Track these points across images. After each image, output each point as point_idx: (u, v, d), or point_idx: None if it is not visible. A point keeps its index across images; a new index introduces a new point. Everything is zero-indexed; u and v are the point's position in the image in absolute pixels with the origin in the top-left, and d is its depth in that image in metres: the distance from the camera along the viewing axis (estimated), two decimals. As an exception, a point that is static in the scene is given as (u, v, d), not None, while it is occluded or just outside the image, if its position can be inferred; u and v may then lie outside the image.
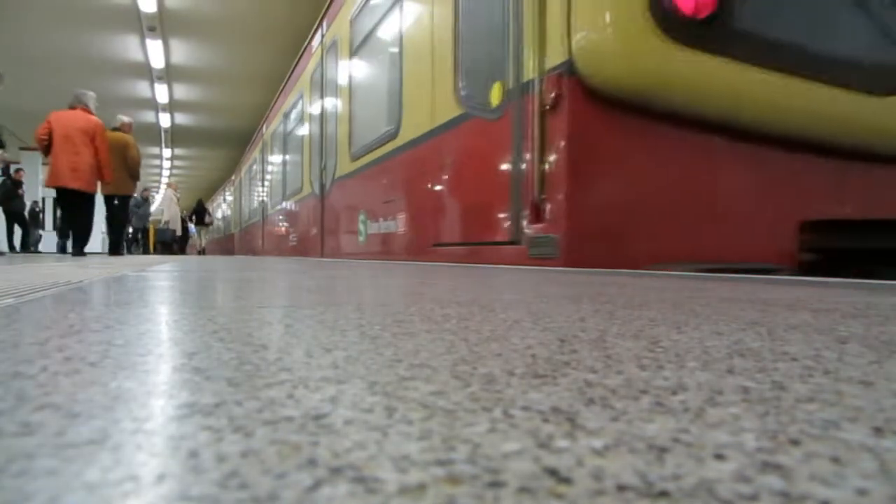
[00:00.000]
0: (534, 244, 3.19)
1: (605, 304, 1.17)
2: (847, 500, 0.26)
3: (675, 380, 0.51)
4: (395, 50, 5.24)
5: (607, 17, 2.86)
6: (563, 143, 2.99)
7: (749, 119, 3.06)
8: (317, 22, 8.45)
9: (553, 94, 3.04)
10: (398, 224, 5.19)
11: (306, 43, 9.24)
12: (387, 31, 5.57)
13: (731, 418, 0.39)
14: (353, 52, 6.61)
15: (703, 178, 3.12)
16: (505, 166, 3.46)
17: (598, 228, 3.01)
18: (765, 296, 1.36)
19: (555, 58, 3.06)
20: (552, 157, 3.07)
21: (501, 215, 3.50)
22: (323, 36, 8.03)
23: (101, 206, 8.12)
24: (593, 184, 3.00)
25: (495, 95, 3.57)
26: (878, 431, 0.36)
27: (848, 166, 3.30)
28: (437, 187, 4.40)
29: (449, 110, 4.15)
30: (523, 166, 3.26)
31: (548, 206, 3.10)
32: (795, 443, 0.34)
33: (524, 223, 3.27)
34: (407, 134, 4.91)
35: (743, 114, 3.04)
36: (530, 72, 3.20)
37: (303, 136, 9.28)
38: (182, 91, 15.99)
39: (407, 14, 5.01)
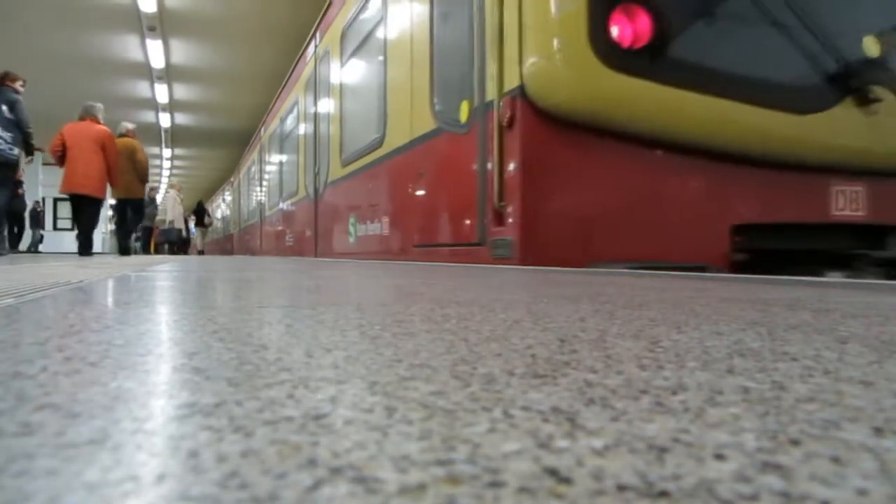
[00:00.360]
0: (495, 246, 3.55)
1: (605, 304, 1.17)
2: (847, 500, 0.26)
3: (676, 380, 0.51)
4: (381, 65, 5.59)
5: (553, 48, 3.22)
6: (517, 157, 3.35)
7: (682, 135, 3.39)
8: (311, 32, 8.72)
9: (509, 114, 3.39)
10: (383, 226, 5.55)
11: (301, 50, 9.50)
12: (373, 47, 5.91)
13: (731, 418, 0.39)
14: (344, 64, 6.97)
15: (644, 186, 3.46)
16: (472, 176, 3.81)
17: (548, 232, 3.36)
18: (765, 296, 1.36)
19: (510, 82, 3.41)
20: (509, 169, 3.42)
21: (470, 220, 3.86)
22: (316, 46, 8.39)
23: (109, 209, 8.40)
24: (544, 192, 3.35)
25: (464, 112, 3.94)
26: (878, 431, 0.36)
27: (774, 175, 3.63)
28: (417, 193, 4.77)
29: (426, 124, 4.52)
30: (487, 176, 3.62)
31: (506, 212, 3.45)
32: (795, 443, 0.34)
33: (488, 227, 3.63)
34: (391, 143, 5.25)
35: (676, 130, 3.37)
36: (491, 93, 3.55)
37: (298, 141, 9.59)
38: (182, 91, 15.98)
39: (391, 33, 5.35)
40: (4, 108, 6.93)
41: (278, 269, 3.47)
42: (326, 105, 7.75)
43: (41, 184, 21.71)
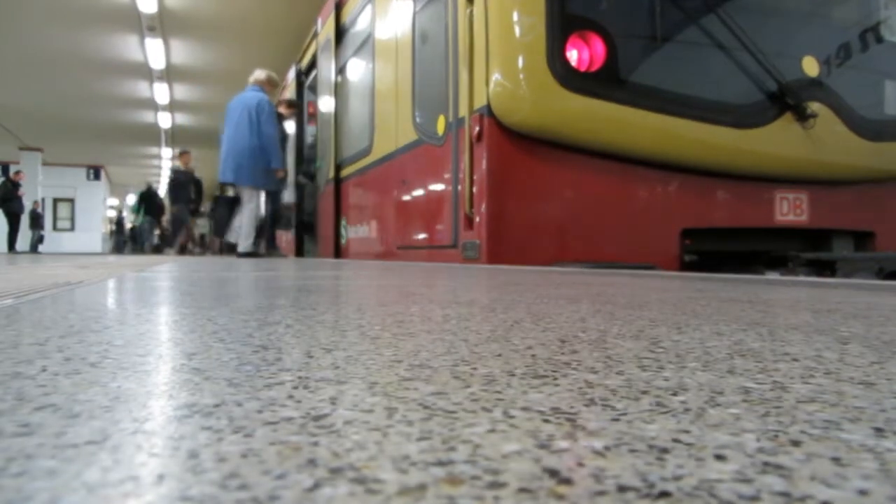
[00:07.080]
0: (465, 248, 3.88)
1: (606, 304, 1.17)
2: (848, 501, 0.26)
3: (676, 380, 0.50)
4: (370, 76, 5.92)
5: (515, 71, 3.54)
6: (483, 169, 3.66)
7: (635, 148, 3.70)
8: (308, 38, 8.87)
9: (477, 129, 3.70)
10: (370, 228, 5.91)
11: (301, 53, 9.62)
12: (363, 58, 6.23)
13: (731, 419, 0.39)
14: (338, 71, 7.26)
15: (600, 194, 3.75)
16: (447, 184, 4.14)
17: (512, 236, 3.66)
18: (766, 296, 1.36)
19: (479, 101, 3.71)
20: (477, 179, 3.73)
21: (445, 224, 4.20)
22: (317, 42, 8.60)
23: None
24: (508, 200, 3.65)
25: (440, 126, 4.26)
26: (878, 432, 0.36)
27: (721, 183, 3.96)
28: (400, 198, 5.09)
29: (408, 135, 4.85)
30: (459, 185, 3.94)
31: (474, 218, 3.77)
32: (796, 443, 0.34)
33: (460, 231, 3.96)
34: (378, 152, 5.59)
35: (630, 145, 3.68)
36: (463, 110, 3.86)
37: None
38: (182, 91, 15.94)
39: (378, 49, 5.69)
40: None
41: (275, 268, 3.47)
42: (324, 110, 7.99)
43: (40, 185, 21.66)
